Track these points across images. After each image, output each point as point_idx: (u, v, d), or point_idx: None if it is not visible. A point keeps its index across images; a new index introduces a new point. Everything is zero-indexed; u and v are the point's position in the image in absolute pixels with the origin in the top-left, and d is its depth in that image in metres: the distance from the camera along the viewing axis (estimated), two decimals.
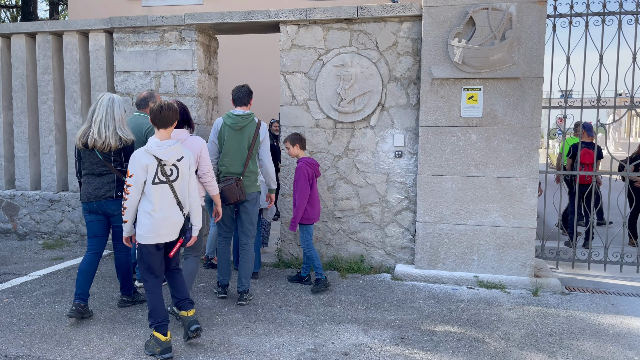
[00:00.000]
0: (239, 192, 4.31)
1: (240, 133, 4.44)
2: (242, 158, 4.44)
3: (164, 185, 3.40)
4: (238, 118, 4.44)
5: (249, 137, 4.47)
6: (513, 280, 5.09)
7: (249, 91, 4.58)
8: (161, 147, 3.37)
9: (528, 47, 4.95)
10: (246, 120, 4.46)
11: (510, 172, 5.07)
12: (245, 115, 4.47)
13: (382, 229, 5.60)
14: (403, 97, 5.43)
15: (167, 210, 3.41)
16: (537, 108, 4.99)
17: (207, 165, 3.94)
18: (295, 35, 5.60)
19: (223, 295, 4.59)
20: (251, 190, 4.49)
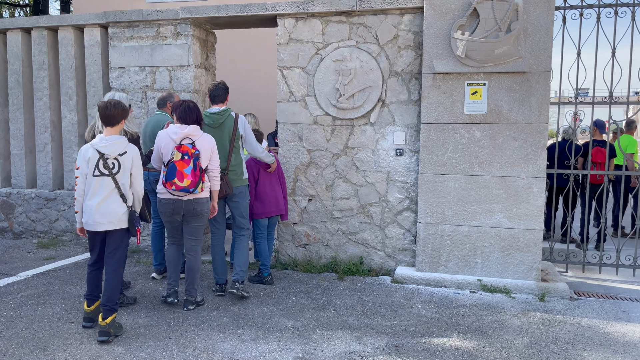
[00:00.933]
0: (225, 187, 4.39)
1: (220, 130, 4.51)
2: (224, 153, 4.49)
3: (105, 178, 3.66)
4: (215, 116, 4.51)
5: (228, 132, 4.52)
6: (518, 285, 4.85)
7: (225, 88, 4.62)
8: (103, 141, 3.67)
9: (535, 39, 4.70)
10: (223, 116, 4.51)
11: (516, 171, 4.83)
12: (221, 112, 4.52)
13: (382, 229, 5.39)
14: (404, 92, 5.22)
15: (105, 201, 3.64)
16: (544, 104, 4.74)
17: (217, 161, 4.21)
18: (292, 29, 5.41)
19: (220, 293, 4.57)
20: (238, 184, 4.56)
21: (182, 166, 3.96)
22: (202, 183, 4.05)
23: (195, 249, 4.26)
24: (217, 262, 4.59)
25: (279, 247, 5.67)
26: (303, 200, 5.55)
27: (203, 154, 4.09)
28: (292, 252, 5.64)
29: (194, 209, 4.12)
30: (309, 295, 4.65)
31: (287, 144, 5.54)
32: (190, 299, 4.24)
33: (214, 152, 4.18)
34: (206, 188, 4.16)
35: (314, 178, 5.50)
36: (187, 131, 4.07)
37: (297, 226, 5.60)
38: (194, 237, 4.25)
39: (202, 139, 4.14)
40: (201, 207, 4.15)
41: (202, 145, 4.11)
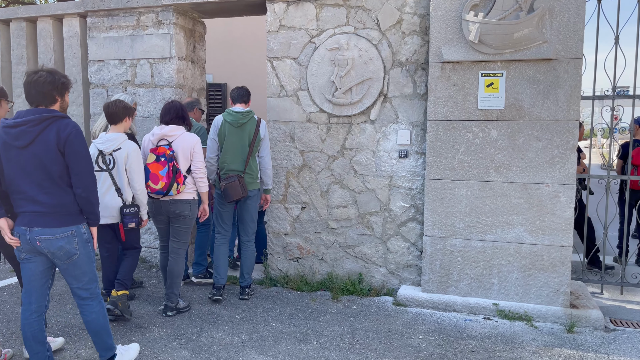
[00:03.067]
0: (241, 190, 4.26)
1: (241, 130, 4.37)
2: (243, 155, 4.37)
3: (103, 173, 3.83)
4: (238, 115, 4.36)
5: (249, 135, 4.38)
6: (542, 311, 4.10)
7: (248, 91, 4.53)
8: (102, 138, 3.85)
9: (563, 20, 3.94)
10: (246, 117, 4.38)
11: (539, 177, 4.08)
12: (245, 113, 4.39)
13: (384, 242, 4.71)
14: (409, 85, 4.52)
15: (104, 196, 3.80)
16: (574, 97, 3.98)
17: (200, 162, 4.06)
18: (283, 15, 4.79)
19: (218, 297, 4.41)
20: (252, 187, 4.43)
21: (157, 168, 3.89)
22: (177, 185, 3.93)
23: (177, 251, 4.15)
24: (219, 262, 4.46)
25: (269, 260, 5.06)
26: (295, 208, 4.92)
27: (180, 154, 4.00)
28: (283, 267, 5.01)
29: (172, 210, 4.03)
30: (293, 321, 4.01)
31: (277, 144, 4.92)
32: (170, 305, 4.10)
33: (195, 152, 4.04)
34: (187, 190, 4.04)
35: (307, 183, 4.87)
36: (164, 132, 4.01)
37: (289, 237, 4.97)
38: (176, 239, 4.14)
39: (181, 139, 4.02)
40: (181, 208, 4.03)
41: (180, 145, 4.00)
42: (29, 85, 2.79)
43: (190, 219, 4.12)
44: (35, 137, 2.74)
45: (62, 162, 2.78)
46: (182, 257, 4.17)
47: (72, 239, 2.83)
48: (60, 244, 2.80)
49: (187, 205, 4.05)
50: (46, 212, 2.78)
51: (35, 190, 2.76)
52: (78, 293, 2.94)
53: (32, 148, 2.74)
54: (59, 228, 2.80)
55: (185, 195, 4.03)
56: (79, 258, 2.87)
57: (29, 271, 2.88)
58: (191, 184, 4.08)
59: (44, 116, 2.75)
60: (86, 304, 2.96)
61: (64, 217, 2.82)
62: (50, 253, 2.81)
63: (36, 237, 2.77)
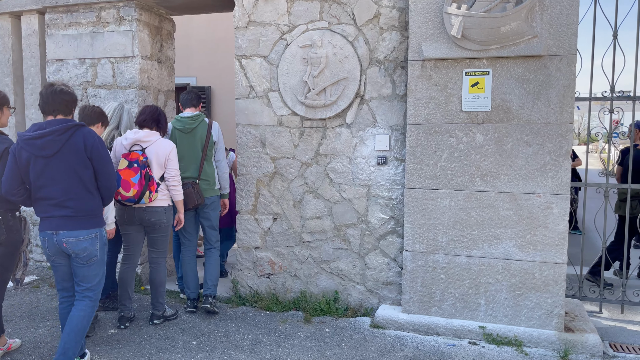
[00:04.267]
0: (196, 197, 4.12)
1: (192, 135, 4.21)
2: (196, 161, 4.21)
3: None
4: (187, 120, 4.22)
5: (201, 139, 4.22)
6: (534, 335, 3.69)
7: (198, 95, 4.38)
8: None
9: (555, 12, 3.55)
10: (196, 121, 4.23)
11: (529, 186, 3.68)
12: (194, 117, 4.24)
13: (361, 257, 4.30)
14: (387, 85, 4.13)
15: None
16: (567, 97, 3.58)
17: (174, 169, 3.91)
18: (252, 9, 4.40)
19: (192, 309, 4.27)
20: (209, 194, 4.28)
21: (129, 175, 3.68)
22: (150, 193, 3.76)
23: (157, 261, 4.01)
24: (189, 276, 4.29)
25: (237, 276, 4.65)
26: (266, 220, 4.52)
27: (154, 161, 3.84)
28: (253, 284, 4.61)
29: (146, 218, 3.86)
30: (255, 347, 3.60)
31: (247, 150, 4.53)
32: (157, 313, 4.01)
33: (170, 159, 3.89)
34: (160, 197, 3.87)
35: (279, 192, 4.47)
36: (137, 137, 3.84)
37: (260, 251, 4.57)
38: (154, 248, 4.00)
39: (155, 145, 3.86)
40: (156, 216, 3.87)
41: (154, 151, 3.84)
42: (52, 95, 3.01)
43: (167, 226, 3.98)
44: (63, 146, 2.95)
45: (91, 167, 3.03)
46: (163, 267, 4.03)
47: (95, 241, 3.07)
48: (84, 245, 3.01)
49: (163, 213, 3.90)
50: (73, 216, 2.99)
51: (64, 196, 2.97)
52: (82, 292, 3.09)
53: (60, 156, 2.96)
54: (84, 230, 3.02)
55: (159, 202, 3.88)
56: (97, 260, 3.10)
57: (62, 272, 3.14)
58: (165, 191, 3.92)
59: (67, 125, 2.96)
60: (84, 302, 3.08)
61: (89, 220, 3.05)
62: (74, 253, 3.02)
63: (63, 239, 2.98)
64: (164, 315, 4.04)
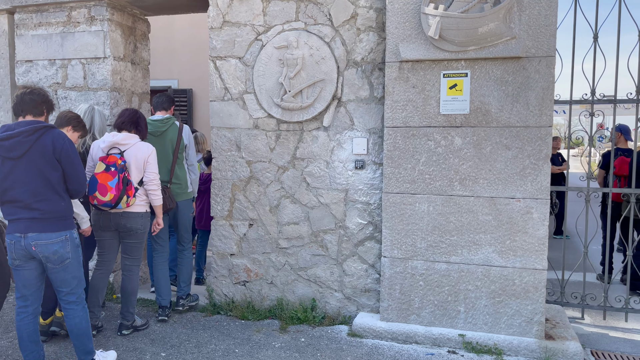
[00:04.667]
0: (168, 201, 4.07)
1: (162, 139, 4.19)
2: (167, 165, 4.19)
3: None
4: (157, 123, 4.19)
5: (172, 142, 4.21)
6: (514, 344, 3.60)
7: (170, 98, 4.35)
8: None
9: (534, 13, 3.48)
10: (166, 124, 4.21)
11: (509, 191, 3.60)
12: (164, 120, 4.22)
13: (339, 264, 4.19)
14: (365, 87, 4.04)
15: None
16: (547, 100, 3.51)
17: (153, 173, 3.80)
18: (227, 9, 4.29)
19: (163, 317, 4.12)
20: (182, 197, 4.28)
21: (106, 179, 3.56)
22: (128, 197, 3.63)
23: (130, 268, 3.88)
24: (160, 282, 4.17)
25: (213, 284, 4.51)
26: (242, 226, 4.39)
27: (133, 165, 3.73)
28: (229, 291, 4.47)
29: (122, 224, 3.73)
30: (227, 359, 3.47)
31: (222, 154, 4.40)
32: (126, 323, 3.86)
33: (149, 163, 3.78)
34: (138, 202, 3.76)
35: (255, 197, 4.34)
36: (116, 139, 3.73)
37: (235, 258, 4.43)
38: (128, 255, 3.87)
39: (134, 149, 3.75)
40: (132, 222, 3.74)
41: (133, 155, 3.73)
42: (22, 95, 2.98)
43: (143, 233, 3.85)
44: (31, 147, 2.88)
45: (59, 169, 2.95)
46: (136, 274, 3.92)
47: (66, 244, 2.98)
48: (55, 249, 2.92)
49: (139, 219, 3.78)
50: (42, 218, 2.91)
51: (32, 198, 2.89)
52: (65, 298, 3.04)
53: (27, 158, 2.88)
54: (54, 233, 2.93)
55: (136, 208, 3.76)
56: (70, 262, 3.01)
57: (24, 277, 2.99)
58: (143, 196, 3.81)
59: (36, 127, 2.90)
60: (71, 308, 3.04)
61: (58, 223, 2.96)
62: (44, 257, 2.93)
63: (32, 242, 2.89)
64: (134, 325, 3.89)
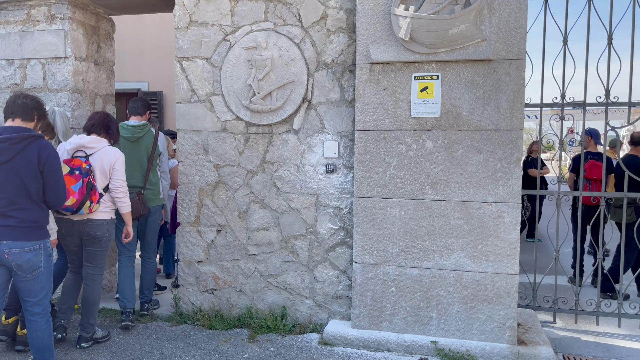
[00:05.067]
0: (141, 207, 4.06)
1: (138, 144, 4.19)
2: (142, 170, 4.18)
3: None
4: (133, 129, 4.18)
5: (147, 149, 4.22)
6: (486, 350, 3.55)
7: (146, 103, 4.35)
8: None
9: (504, 15, 3.45)
10: (142, 130, 4.21)
11: (480, 195, 3.56)
12: (141, 126, 4.22)
13: (310, 270, 4.09)
14: (336, 90, 3.95)
15: None
16: (517, 103, 3.48)
17: (120, 180, 3.67)
18: (194, 9, 4.16)
19: (127, 322, 4.01)
20: (153, 203, 4.29)
21: (70, 182, 3.41)
22: (91, 203, 3.49)
23: (92, 277, 3.71)
24: (125, 285, 4.10)
25: (179, 292, 4.35)
26: (210, 232, 4.25)
27: (98, 169, 3.60)
28: (196, 300, 4.32)
29: (86, 231, 3.57)
30: None
31: (188, 157, 4.26)
32: (86, 335, 3.69)
33: (116, 169, 3.65)
34: (103, 209, 3.61)
35: (223, 202, 4.21)
36: (82, 142, 3.60)
37: (203, 265, 4.29)
38: (91, 263, 3.70)
39: (101, 153, 3.62)
40: (96, 230, 3.59)
41: (99, 159, 3.60)
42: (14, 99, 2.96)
43: (107, 241, 3.70)
44: (15, 155, 2.84)
45: (40, 181, 2.91)
46: (99, 284, 3.74)
47: (39, 253, 2.93)
48: (28, 257, 2.87)
49: (104, 226, 3.64)
50: (17, 226, 2.86)
51: (8, 207, 2.84)
52: (31, 309, 2.96)
53: (10, 165, 2.84)
54: (29, 242, 2.88)
55: (100, 214, 3.62)
56: (41, 272, 2.96)
57: None
58: (108, 202, 3.68)
59: (24, 135, 2.87)
60: (35, 320, 2.97)
61: (33, 232, 2.91)
62: (16, 266, 2.87)
63: (5, 249, 2.83)
64: (94, 337, 3.71)
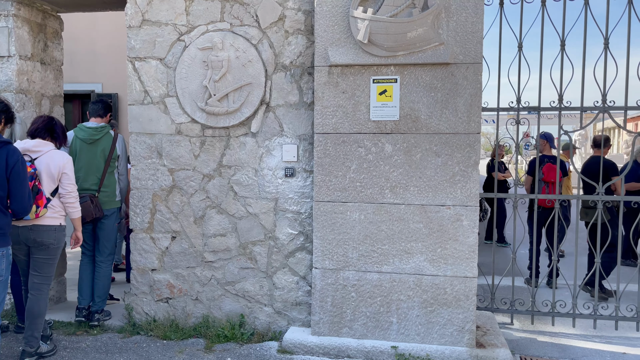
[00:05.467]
0: (94, 210, 3.99)
1: (94, 147, 4.11)
2: (97, 173, 4.11)
3: None
4: (91, 131, 4.10)
5: (104, 151, 4.12)
6: (446, 354, 3.54)
7: (106, 105, 4.27)
8: None
9: (461, 20, 3.47)
10: (100, 133, 4.13)
11: (439, 198, 3.55)
12: (99, 128, 4.14)
13: (269, 277, 3.99)
14: (294, 92, 3.88)
15: None
16: (474, 107, 3.50)
17: (71, 185, 3.57)
18: (147, 7, 4.01)
19: (80, 318, 4.08)
20: (109, 206, 4.18)
21: None
22: (37, 208, 3.33)
23: (38, 287, 3.52)
24: (83, 282, 4.15)
25: (132, 302, 4.17)
26: (164, 239, 4.10)
27: (45, 174, 3.46)
28: (150, 310, 4.15)
29: (32, 238, 3.42)
30: None
31: (141, 161, 4.10)
32: (29, 350, 3.47)
33: (66, 173, 3.53)
34: (50, 214, 3.47)
35: (178, 208, 4.07)
36: (26, 146, 3.48)
37: (157, 273, 4.13)
38: (37, 272, 3.54)
39: (47, 156, 3.48)
40: (42, 236, 3.43)
41: (45, 163, 3.46)
42: None
43: (55, 248, 3.54)
44: None
45: (6, 188, 2.93)
46: (45, 294, 3.56)
47: (2, 260, 2.91)
48: None
49: (52, 233, 3.49)
50: None
51: None
52: None
53: None
54: None
55: (47, 220, 3.47)
56: (2, 279, 2.91)
57: None
58: (57, 208, 3.54)
59: None
60: None
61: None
62: None
63: None
64: (38, 352, 3.49)
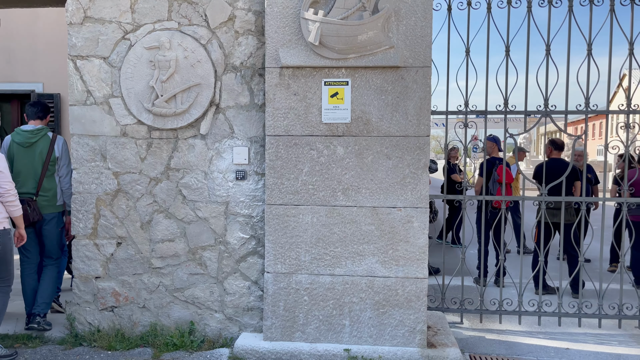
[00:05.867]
0: (32, 214, 3.94)
1: (31, 150, 4.04)
2: (35, 177, 4.04)
3: None
4: (27, 134, 4.03)
5: (41, 154, 4.04)
6: (398, 355, 3.56)
7: (45, 107, 4.17)
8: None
9: (410, 24, 3.51)
10: (37, 135, 4.04)
11: (390, 200, 3.58)
12: (35, 131, 4.05)
13: (220, 282, 3.90)
14: (245, 93, 3.82)
15: None
16: (424, 110, 3.55)
17: (8, 183, 3.53)
18: (89, 4, 3.84)
19: (32, 325, 3.94)
20: (49, 210, 4.09)
21: None
22: None
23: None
24: (27, 292, 4.07)
25: (74, 312, 3.98)
26: (109, 245, 3.93)
27: None
28: (94, 319, 3.96)
29: None
30: None
31: (84, 164, 3.91)
32: None
33: (1, 171, 3.49)
34: None
35: (124, 213, 3.91)
36: None
37: (101, 281, 3.95)
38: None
39: None
40: None
41: None
42: None
43: (4, 252, 3.53)
44: None
45: None
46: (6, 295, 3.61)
47: None
48: None
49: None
50: None
51: None
52: None
53: None
54: None
55: None
56: None
57: None
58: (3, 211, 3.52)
59: None
60: None
61: None
62: None
63: None
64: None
